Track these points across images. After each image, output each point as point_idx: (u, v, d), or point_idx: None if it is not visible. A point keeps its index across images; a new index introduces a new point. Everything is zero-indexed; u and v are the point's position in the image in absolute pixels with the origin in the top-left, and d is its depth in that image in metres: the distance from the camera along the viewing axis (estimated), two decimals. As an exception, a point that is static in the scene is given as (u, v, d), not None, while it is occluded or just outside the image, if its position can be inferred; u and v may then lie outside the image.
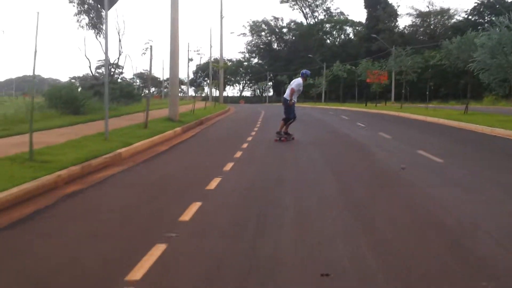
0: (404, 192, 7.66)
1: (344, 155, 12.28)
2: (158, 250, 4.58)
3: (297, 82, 15.13)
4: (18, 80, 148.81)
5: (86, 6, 28.30)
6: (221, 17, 51.56)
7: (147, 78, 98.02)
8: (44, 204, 6.61)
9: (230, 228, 5.51)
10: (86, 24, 29.46)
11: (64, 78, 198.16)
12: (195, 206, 6.32)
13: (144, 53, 76.32)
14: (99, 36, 30.62)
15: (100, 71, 76.84)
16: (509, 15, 22.90)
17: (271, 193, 7.49)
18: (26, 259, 4.54)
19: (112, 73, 55.40)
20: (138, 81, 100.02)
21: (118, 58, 39.74)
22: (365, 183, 8.45)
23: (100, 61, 75.15)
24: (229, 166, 9.82)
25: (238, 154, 11.78)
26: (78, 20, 29.70)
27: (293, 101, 15.04)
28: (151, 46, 17.13)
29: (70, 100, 21.10)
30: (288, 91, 15.15)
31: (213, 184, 7.92)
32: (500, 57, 22.08)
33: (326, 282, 3.95)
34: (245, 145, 13.73)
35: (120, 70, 50.32)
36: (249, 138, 15.90)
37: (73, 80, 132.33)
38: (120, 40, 38.31)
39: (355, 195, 7.40)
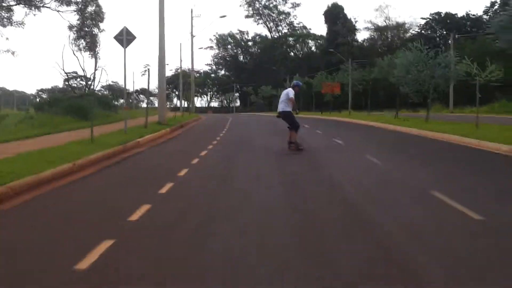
0: (307, 156, 13.88)
1: (285, 144, 18.41)
2: (189, 166, 10.62)
3: (292, 92, 15.07)
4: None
5: (82, 32, 34.18)
6: (192, 36, 57.40)
7: (144, 92, 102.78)
8: (115, 161, 12.61)
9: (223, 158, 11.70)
10: (83, 47, 35.37)
11: (29, 90, 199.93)
12: (196, 159, 12.42)
13: (143, 74, 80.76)
14: (93, 57, 36.67)
15: (68, 83, 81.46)
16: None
17: (235, 154, 13.71)
18: (127, 170, 10.67)
19: (89, 85, 60.35)
20: (106, 92, 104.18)
21: (94, 72, 45.41)
22: (290, 153, 14.64)
23: (70, 74, 77.85)
24: (209, 147, 15.99)
25: (215, 142, 17.98)
26: (76, 44, 35.64)
27: (295, 110, 15.38)
28: (148, 69, 23.24)
29: (80, 109, 27.03)
30: (285, 103, 15.08)
31: (203, 153, 14.03)
32: (413, 73, 28.61)
33: (257, 178, 10.04)
34: (218, 138, 19.94)
35: (90, 83, 54.86)
36: (221, 134, 22.04)
37: (40, 93, 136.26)
38: (96, 55, 43.64)
39: (282, 162, 13.55)
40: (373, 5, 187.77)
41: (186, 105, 76.21)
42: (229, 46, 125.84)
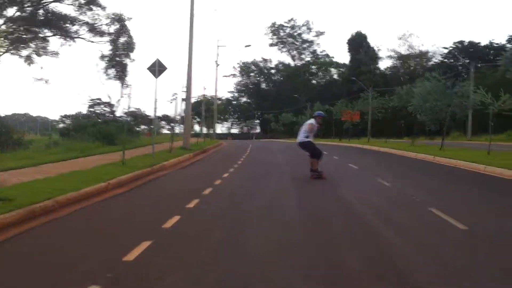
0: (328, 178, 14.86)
1: (303, 168, 19.38)
2: (213, 186, 11.69)
3: (312, 121, 15.34)
4: (7, 118, 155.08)
5: (113, 62, 35.94)
6: (217, 65, 59.00)
7: (166, 118, 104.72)
8: (145, 181, 13.73)
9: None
10: (114, 76, 37.16)
11: (51, 116, 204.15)
12: (219, 180, 13.49)
13: (171, 102, 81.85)
14: (123, 86, 38.54)
15: (92, 109, 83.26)
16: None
17: (255, 176, 14.75)
18: (157, 188, 11.77)
19: (113, 112, 61.80)
20: (128, 118, 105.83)
21: (119, 100, 47.37)
22: (307, 175, 15.58)
23: (94, 100, 76.98)
24: (231, 170, 17.04)
25: (236, 165, 19.05)
26: (107, 73, 37.52)
27: (308, 139, 15.20)
28: (176, 97, 24.53)
29: (108, 135, 28.43)
30: (304, 133, 15.22)
31: (225, 175, 15.11)
32: (431, 102, 29.53)
33: (276, 195, 11.05)
34: (239, 162, 21.03)
35: (115, 109, 56.51)
36: (242, 159, 23.12)
37: (64, 118, 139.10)
38: (125, 83, 45.26)
39: (300, 182, 14.53)
40: (396, 33, 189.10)
41: (206, 131, 77.51)
42: (252, 74, 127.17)
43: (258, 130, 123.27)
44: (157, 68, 19.70)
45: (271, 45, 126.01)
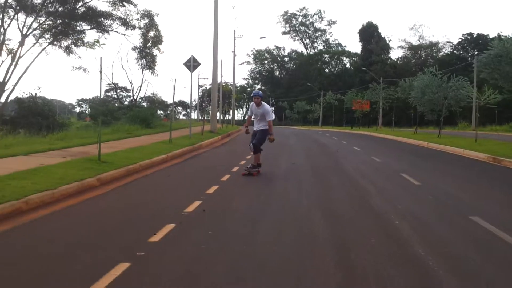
0: (331, 156, 18.82)
1: (313, 146, 23.30)
2: (245, 159, 15.68)
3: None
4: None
5: (144, 53, 40.07)
6: (234, 55, 62.67)
7: (182, 104, 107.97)
8: (192, 156, 17.72)
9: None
10: (144, 66, 41.28)
11: (67, 99, 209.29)
12: (248, 156, 17.38)
13: (200, 93, 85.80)
14: (153, 74, 42.71)
15: (109, 94, 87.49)
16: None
17: (277, 151, 18.75)
18: (204, 161, 15.86)
19: (134, 97, 65.39)
20: (144, 104, 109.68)
21: (140, 86, 51.68)
22: (317, 154, 19.59)
23: (109, 85, 78.05)
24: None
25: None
26: (138, 63, 41.71)
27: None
28: (206, 88, 28.31)
29: (144, 119, 32.60)
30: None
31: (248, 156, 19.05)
32: (428, 95, 33.32)
33: (293, 165, 15.03)
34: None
35: (129, 94, 60.15)
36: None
37: (81, 102, 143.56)
38: (142, 70, 49.27)
39: (311, 158, 18.48)
40: (407, 24, 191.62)
41: (221, 118, 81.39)
42: (266, 62, 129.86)
43: (273, 117, 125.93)
44: (192, 64, 23.67)
45: (284, 33, 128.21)
